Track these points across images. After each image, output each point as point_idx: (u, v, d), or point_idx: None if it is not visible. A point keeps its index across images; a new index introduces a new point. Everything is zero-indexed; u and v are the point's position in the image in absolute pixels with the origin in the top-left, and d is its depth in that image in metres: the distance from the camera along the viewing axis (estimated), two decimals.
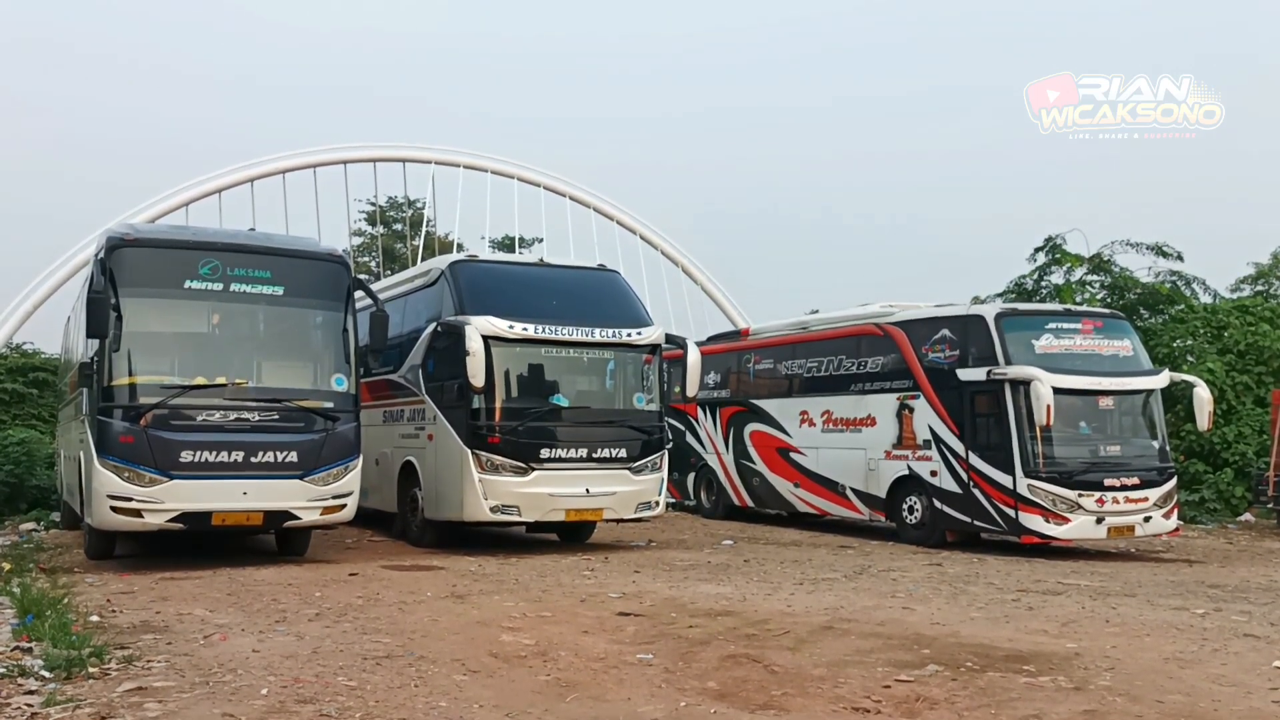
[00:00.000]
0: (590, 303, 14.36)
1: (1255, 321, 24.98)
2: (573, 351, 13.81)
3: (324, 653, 7.18)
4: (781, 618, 8.90)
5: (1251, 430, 22.82)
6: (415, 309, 14.87)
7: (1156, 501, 14.71)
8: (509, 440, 13.23)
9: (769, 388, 19.17)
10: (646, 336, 14.17)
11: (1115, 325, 15.70)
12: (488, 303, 13.43)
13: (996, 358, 14.51)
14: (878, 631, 8.34)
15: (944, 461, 15.23)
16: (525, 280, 14.51)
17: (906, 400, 15.88)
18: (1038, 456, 14.17)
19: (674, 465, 17.52)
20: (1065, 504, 14.13)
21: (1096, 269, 27.17)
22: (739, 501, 19.75)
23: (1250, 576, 12.98)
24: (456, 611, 9.02)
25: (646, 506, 14.07)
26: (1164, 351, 24.07)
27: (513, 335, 13.23)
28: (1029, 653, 7.56)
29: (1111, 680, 6.79)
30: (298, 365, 12.41)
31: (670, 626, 8.42)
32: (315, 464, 11.68)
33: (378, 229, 45.53)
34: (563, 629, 8.27)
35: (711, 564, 12.97)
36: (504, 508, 13.21)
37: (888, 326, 16.51)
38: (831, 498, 17.42)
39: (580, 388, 14.25)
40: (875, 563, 13.40)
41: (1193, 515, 21.17)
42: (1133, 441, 15.21)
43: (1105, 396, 14.86)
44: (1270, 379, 23.67)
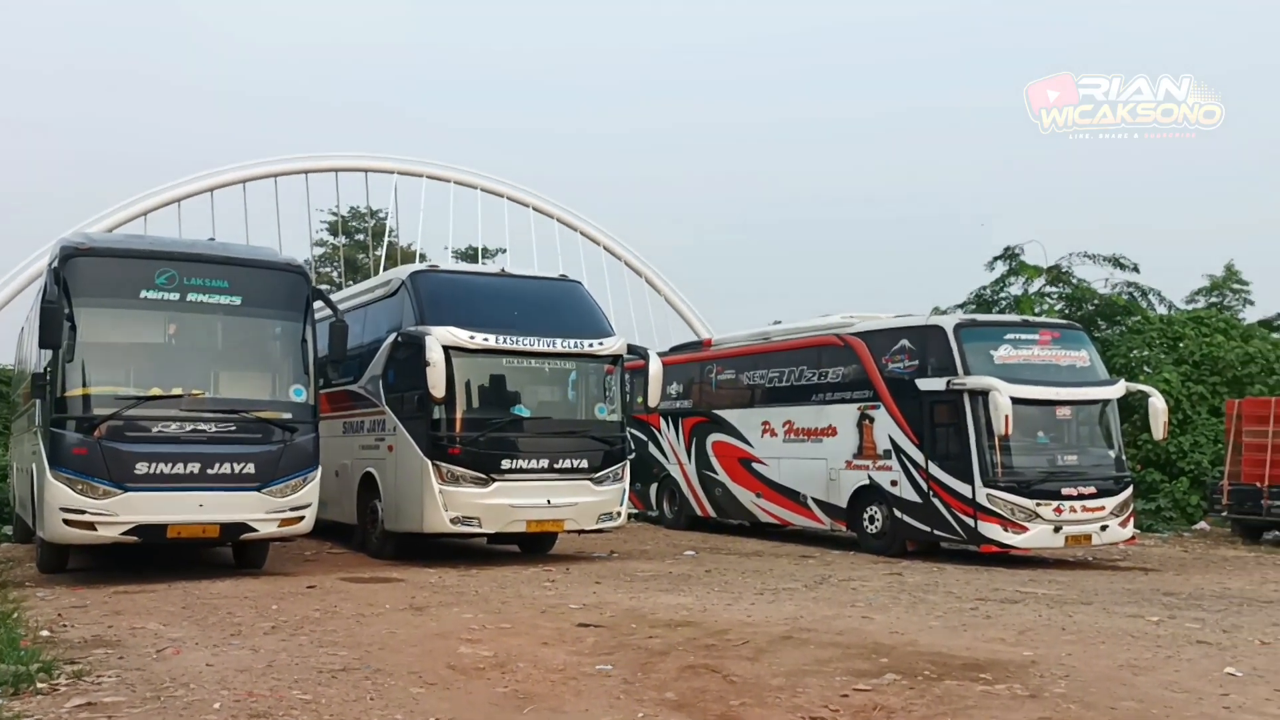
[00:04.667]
0: (552, 313, 14.33)
1: (1210, 333, 25.35)
2: (534, 362, 13.78)
3: (279, 666, 7.11)
4: (741, 628, 8.91)
5: (1207, 440, 23.14)
6: (375, 319, 14.79)
7: (1113, 510, 14.88)
8: (470, 451, 13.17)
9: (731, 398, 19.22)
10: (608, 347, 14.17)
11: (1072, 336, 15.88)
12: (448, 313, 13.38)
13: (955, 368, 14.64)
14: (837, 641, 8.36)
15: (904, 471, 15.33)
16: (486, 290, 14.48)
17: (867, 410, 15.97)
18: (996, 466, 14.30)
19: (636, 476, 17.53)
20: (1023, 513, 14.25)
21: (1055, 280, 27.52)
22: (701, 512, 19.77)
23: (1204, 584, 13.14)
24: (415, 624, 8.96)
25: (608, 517, 14.05)
26: (1121, 362, 24.37)
27: (473, 345, 13.18)
28: (986, 661, 7.61)
29: (1066, 688, 6.85)
30: (255, 376, 12.29)
31: (630, 637, 8.40)
32: (273, 475, 11.57)
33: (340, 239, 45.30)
34: (522, 640, 8.23)
35: (673, 574, 12.96)
36: (464, 519, 13.14)
37: (848, 337, 16.61)
38: (793, 508, 17.48)
39: (542, 398, 14.22)
40: (836, 572, 13.45)
41: (1149, 524, 21.41)
42: (1090, 451, 15.38)
43: (1063, 406, 15.02)
44: (1225, 389, 24.00)
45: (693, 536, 18.67)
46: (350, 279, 40.74)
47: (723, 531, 19.59)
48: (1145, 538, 19.69)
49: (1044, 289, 27.68)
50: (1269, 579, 14.09)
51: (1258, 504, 19.59)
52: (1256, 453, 19.83)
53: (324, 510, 13.10)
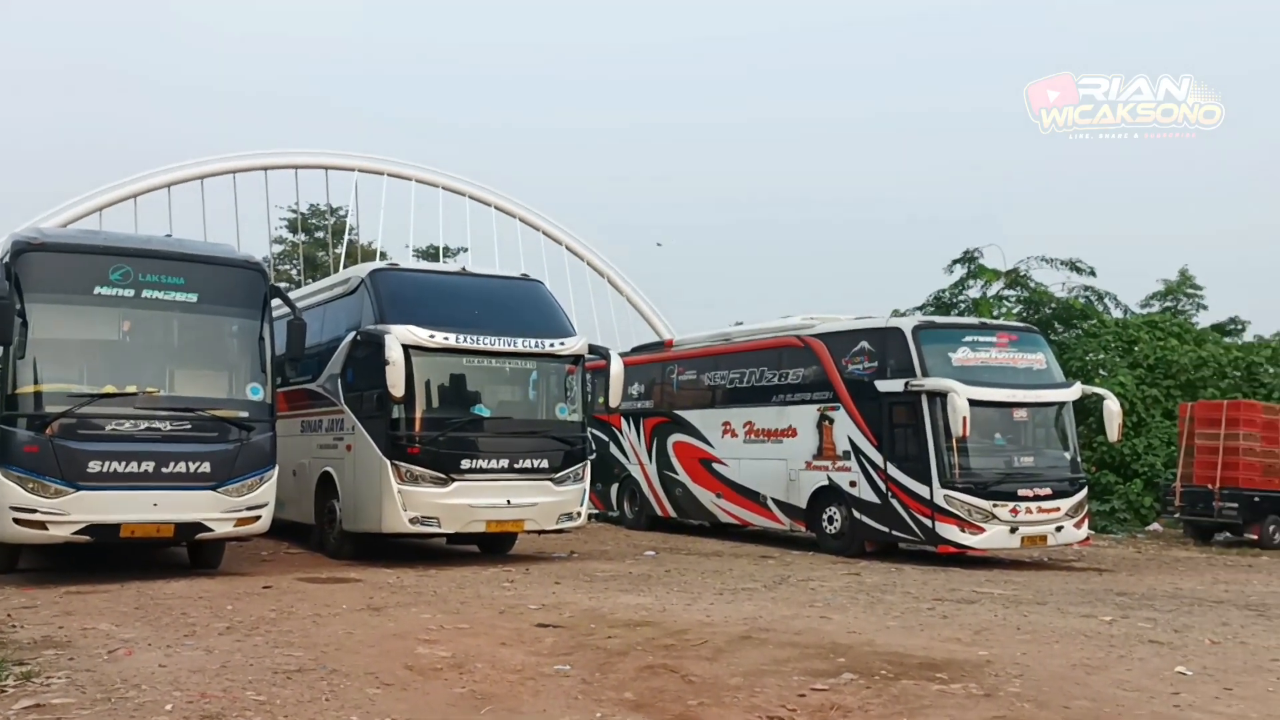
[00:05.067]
0: (513, 312, 14.28)
1: (1164, 337, 25.76)
2: (494, 361, 13.72)
3: (233, 667, 7.03)
4: (700, 628, 8.92)
5: (1160, 442, 23.50)
6: (334, 318, 14.67)
7: (1068, 511, 15.06)
8: (429, 451, 13.10)
9: (692, 399, 19.26)
10: (569, 347, 14.15)
11: (1029, 339, 16.07)
12: (408, 312, 13.30)
13: (914, 369, 14.76)
14: (795, 641, 8.40)
15: (863, 472, 15.43)
16: (446, 289, 14.40)
17: (826, 411, 16.06)
18: (954, 467, 14.42)
19: (597, 476, 17.53)
20: (980, 514, 14.39)
21: (1013, 284, 27.82)
22: (662, 512, 19.79)
23: (1157, 585, 13.33)
24: (372, 624, 8.90)
25: (568, 517, 14.01)
26: (1077, 365, 24.67)
27: (433, 344, 13.11)
28: (942, 660, 7.68)
29: (1020, 687, 6.92)
30: (211, 374, 12.14)
31: (589, 637, 8.39)
32: (229, 474, 11.44)
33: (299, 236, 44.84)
34: (480, 641, 8.20)
35: (633, 575, 12.96)
36: (423, 519, 13.06)
37: (808, 338, 16.70)
38: (753, 508, 17.54)
39: (502, 398, 14.17)
40: (795, 573, 13.51)
41: (1103, 525, 21.72)
42: (1045, 453, 15.57)
43: (1019, 408, 15.19)
44: (1178, 392, 24.38)
45: (653, 537, 18.68)
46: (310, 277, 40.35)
47: (683, 532, 19.62)
48: (1100, 539, 19.96)
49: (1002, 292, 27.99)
50: (1220, 579, 14.33)
51: (1209, 506, 19.95)
52: (1208, 455, 20.19)
53: (281, 510, 12.97)
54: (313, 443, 14.79)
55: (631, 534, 19.34)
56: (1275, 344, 27.02)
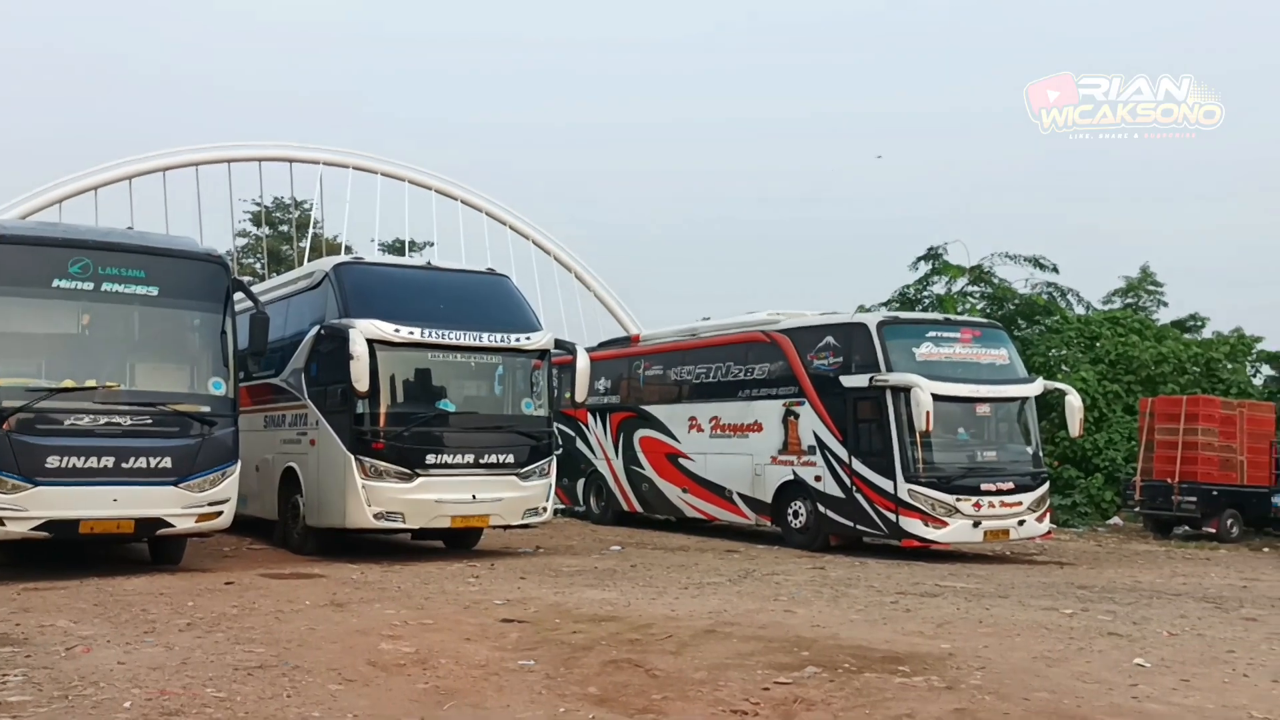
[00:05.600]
0: (478, 307, 14.24)
1: (1125, 333, 26.05)
2: (460, 356, 13.66)
3: (193, 664, 6.97)
4: (665, 622, 8.94)
5: (1121, 437, 23.75)
6: (298, 312, 14.56)
7: (1030, 506, 15.19)
8: (393, 446, 13.04)
9: (659, 394, 19.27)
10: (535, 341, 14.11)
11: (993, 335, 16.20)
12: (373, 305, 13.23)
13: (878, 365, 14.83)
14: (759, 635, 8.43)
15: (828, 467, 15.49)
16: (412, 283, 14.32)
17: (792, 406, 16.12)
18: (917, 462, 14.51)
19: (563, 471, 17.50)
20: (944, 508, 14.49)
21: (977, 280, 28.06)
22: (628, 507, 19.80)
23: (1117, 578, 13.49)
24: (335, 620, 8.85)
25: (534, 513, 13.98)
26: (1039, 360, 24.92)
27: (398, 339, 13.04)
28: (905, 654, 7.73)
29: (982, 679, 6.98)
30: (173, 368, 12.01)
31: (553, 633, 8.39)
32: (190, 470, 11.33)
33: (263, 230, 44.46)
34: (444, 636, 8.17)
35: (598, 569, 12.97)
36: (388, 514, 12.99)
37: (774, 334, 16.75)
38: (719, 503, 17.58)
39: (467, 393, 14.12)
40: (760, 567, 13.55)
41: (1065, 519, 21.93)
42: (1008, 447, 15.70)
43: (982, 403, 15.31)
44: (1139, 388, 24.66)
45: (619, 532, 18.69)
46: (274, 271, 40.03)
47: (649, 527, 19.64)
48: (1061, 533, 20.15)
49: (966, 288, 28.25)
50: (1178, 572, 14.51)
51: (1168, 500, 20.18)
52: (1168, 450, 20.42)
53: (244, 505, 12.88)
54: (276, 438, 14.68)
55: (597, 529, 19.33)
56: (1233, 341, 27.39)
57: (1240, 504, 20.26)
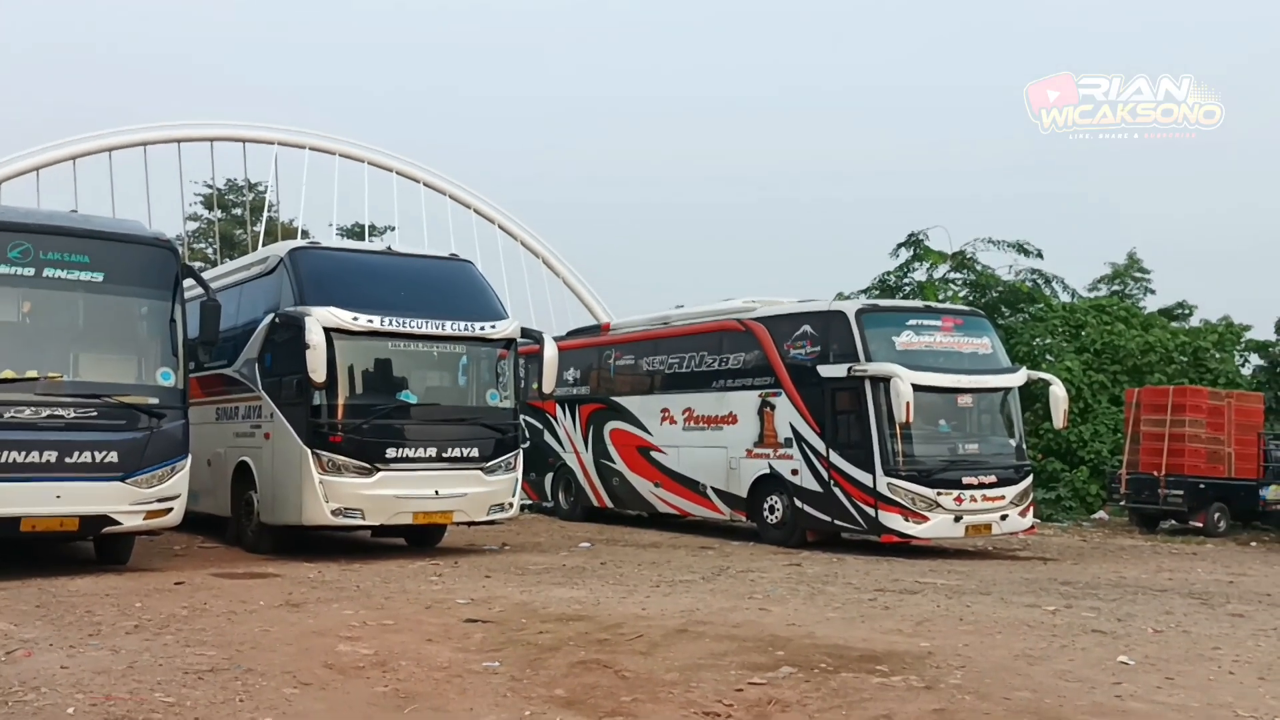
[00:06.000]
0: (441, 294, 14.20)
1: (1111, 321, 26.27)
2: (422, 345, 13.62)
3: (141, 667, 6.92)
4: (635, 621, 8.96)
5: (1107, 429, 23.99)
6: (252, 299, 14.46)
7: (1013, 500, 15.32)
8: (352, 439, 12.97)
9: (630, 384, 19.28)
10: (501, 330, 14.07)
11: (975, 323, 16.30)
12: (330, 292, 13.15)
13: (857, 354, 14.90)
14: (733, 634, 8.46)
15: (805, 460, 15.56)
16: (371, 269, 14.27)
17: (768, 397, 16.17)
18: (897, 455, 14.60)
19: (530, 465, 17.47)
20: (924, 503, 14.58)
21: (959, 266, 28.20)
22: (598, 502, 19.81)
23: (1101, 574, 13.63)
24: (291, 621, 8.81)
25: (500, 508, 13.97)
26: (1023, 350, 25.11)
27: (357, 327, 12.97)
28: (883, 652, 7.78)
29: (962, 678, 7.04)
30: (119, 358, 11.90)
31: (520, 633, 8.39)
32: (138, 465, 11.22)
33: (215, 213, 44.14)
34: (405, 637, 8.16)
35: (566, 567, 12.98)
36: (346, 511, 12.94)
37: (749, 322, 16.79)
38: (692, 498, 17.62)
39: (430, 384, 14.09)
40: (734, 564, 13.60)
41: (1049, 513, 22.13)
42: (990, 439, 15.81)
43: (964, 394, 15.40)
44: (1125, 378, 24.90)
45: (589, 528, 18.70)
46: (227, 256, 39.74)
47: (620, 522, 19.66)
48: (1045, 527, 20.34)
49: (948, 275, 28.38)
50: (1164, 567, 14.68)
51: (1154, 493, 20.42)
52: (1154, 442, 20.65)
53: (195, 502, 12.75)
54: (228, 431, 14.59)
55: (566, 525, 19.34)
56: (1222, 329, 27.66)
57: (1228, 497, 20.51)
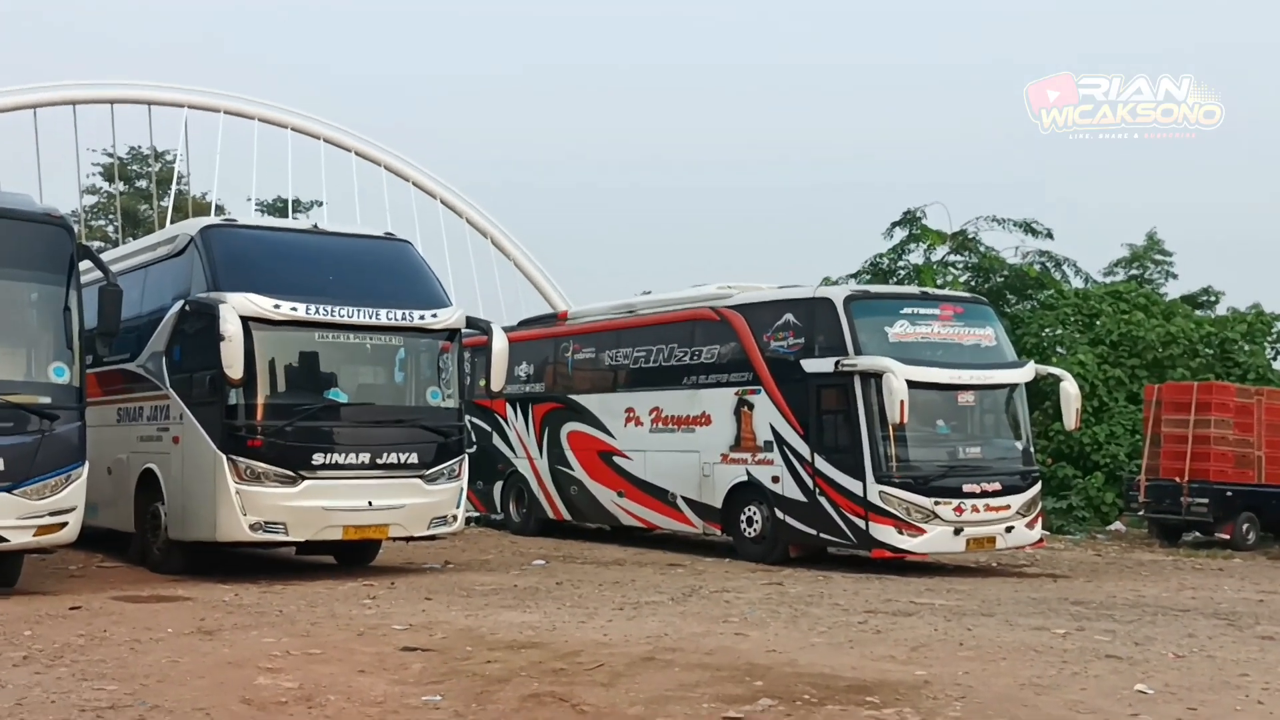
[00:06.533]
0: (375, 278, 14.16)
1: (1129, 309, 26.49)
2: (353, 336, 13.57)
3: (30, 704, 6.86)
4: (596, 648, 8.98)
5: (1124, 430, 24.19)
6: (158, 283, 14.37)
7: (1020, 509, 15.43)
8: (274, 443, 12.92)
9: (590, 381, 19.29)
10: (443, 319, 14.04)
11: (977, 311, 16.42)
12: (248, 277, 13.08)
13: (845, 346, 14.96)
14: (705, 662, 8.49)
15: (787, 466, 15.62)
16: (295, 250, 14.23)
17: (745, 395, 16.21)
18: (890, 459, 14.68)
19: (477, 473, 17.44)
20: (920, 513, 14.67)
21: (960, 248, 28.33)
22: (554, 514, 19.81)
23: (1117, 592, 13.77)
24: (203, 650, 8.77)
25: (442, 521, 13.95)
26: (1032, 341, 25.33)
27: (279, 316, 12.91)
28: (873, 682, 7.83)
29: (962, 710, 7.10)
30: (5, 352, 11.82)
31: (464, 662, 8.39)
32: (27, 473, 11.15)
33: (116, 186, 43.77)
34: (334, 668, 8.14)
35: (518, 588, 12.98)
36: (267, 525, 12.87)
37: (724, 310, 16.83)
38: (660, 508, 17.65)
39: (362, 380, 14.10)
40: (707, 583, 13.65)
41: (1059, 525, 22.32)
42: (994, 442, 15.95)
43: (965, 391, 15.50)
44: (1144, 373, 25.10)
45: (543, 543, 18.70)
46: (130, 235, 39.45)
47: (579, 537, 19.68)
48: (1055, 540, 20.52)
49: (948, 258, 28.53)
50: (1186, 585, 14.86)
51: (1177, 502, 20.56)
52: (1176, 444, 20.80)
53: (93, 516, 12.69)
54: (132, 434, 14.48)
55: (518, 540, 19.33)
56: (1251, 318, 27.88)
57: (1258, 506, 20.74)
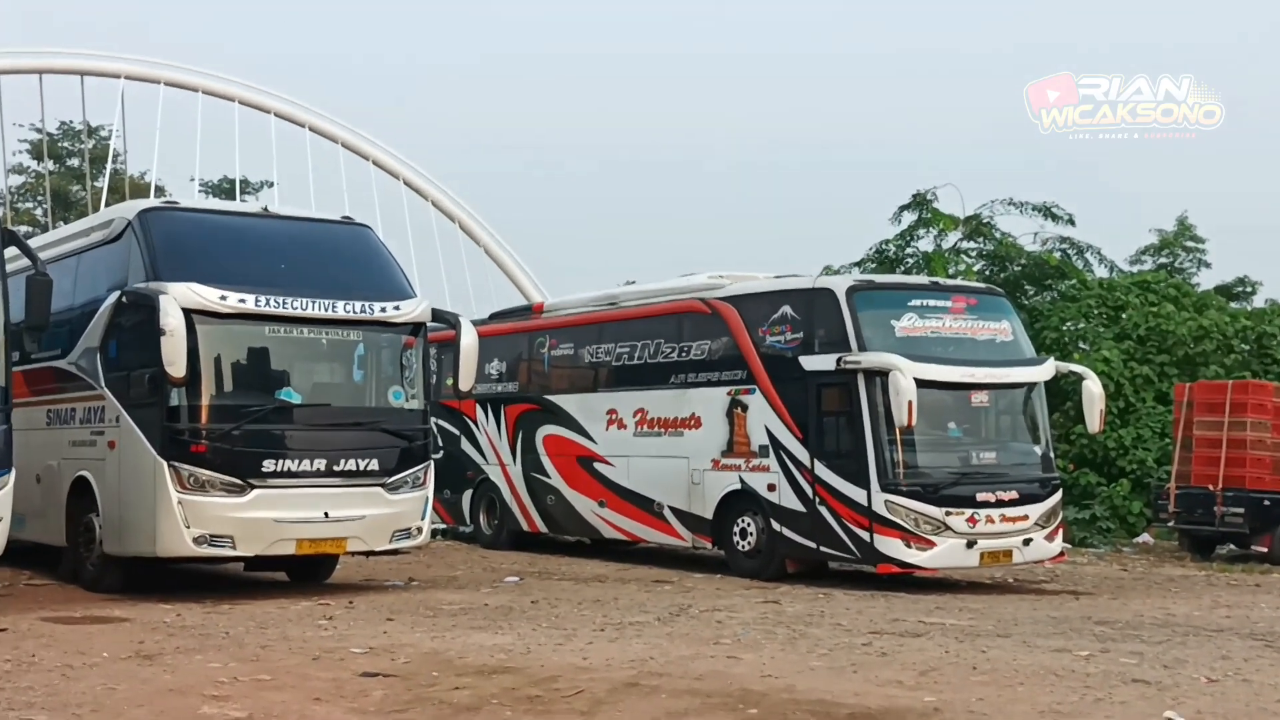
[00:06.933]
0: (332, 266, 14.20)
1: (1158, 301, 26.52)
2: (307, 331, 13.56)
3: None
4: (575, 674, 8.98)
5: (1152, 433, 24.22)
6: (92, 272, 14.35)
7: (1038, 520, 15.46)
8: (220, 448, 12.90)
9: (568, 379, 19.29)
10: (407, 312, 14.03)
11: (992, 303, 16.45)
12: (191, 265, 13.07)
13: (848, 342, 14.96)
14: (694, 688, 8.50)
15: (784, 472, 15.63)
16: (243, 235, 14.20)
17: (739, 395, 16.22)
18: (897, 466, 14.70)
19: (443, 481, 17.42)
20: (930, 524, 14.69)
21: (974, 233, 28.36)
22: (529, 526, 19.81)
23: (1144, 610, 13.81)
24: (143, 677, 8.76)
25: (405, 534, 13.95)
26: (1052, 336, 25.38)
27: (225, 308, 12.88)
28: (878, 709, 7.85)
29: None
30: None
31: (430, 689, 8.39)
32: None
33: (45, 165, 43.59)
34: (286, 696, 8.13)
35: (489, 607, 12.99)
36: (213, 539, 12.85)
37: (716, 302, 16.82)
38: (645, 520, 17.66)
39: (318, 379, 14.13)
40: (697, 601, 13.67)
41: (1082, 537, 22.36)
42: (1011, 447, 16.01)
43: (979, 391, 15.52)
44: (1175, 370, 25.14)
45: (517, 558, 18.70)
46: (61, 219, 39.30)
47: (556, 551, 19.68)
48: (1076, 554, 20.56)
49: (960, 244, 28.58)
50: (1220, 602, 14.90)
51: (1210, 511, 20.56)
52: (1209, 448, 20.81)
53: (20, 528, 12.70)
54: (63, 439, 14.44)
55: (489, 555, 19.33)
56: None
57: None
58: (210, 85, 38.65)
